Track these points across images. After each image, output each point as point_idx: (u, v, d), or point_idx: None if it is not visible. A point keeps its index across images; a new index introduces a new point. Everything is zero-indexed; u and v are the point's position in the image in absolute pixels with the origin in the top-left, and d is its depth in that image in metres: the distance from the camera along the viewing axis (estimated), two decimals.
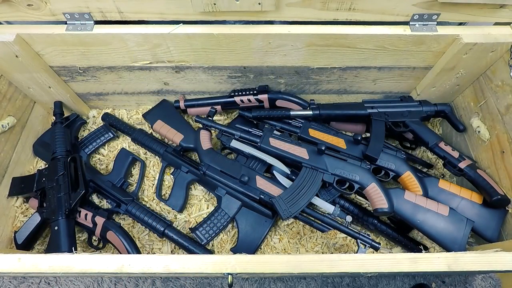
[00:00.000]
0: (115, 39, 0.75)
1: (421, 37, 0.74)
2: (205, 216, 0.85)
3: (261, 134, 0.85)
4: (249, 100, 0.91)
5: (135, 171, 0.94)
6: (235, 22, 0.77)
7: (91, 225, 0.80)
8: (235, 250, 0.80)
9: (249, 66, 0.83)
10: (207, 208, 0.90)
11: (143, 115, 0.98)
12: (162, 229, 0.81)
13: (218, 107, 0.93)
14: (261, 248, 0.84)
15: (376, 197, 0.77)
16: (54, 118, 0.93)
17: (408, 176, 0.83)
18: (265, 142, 0.84)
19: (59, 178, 0.81)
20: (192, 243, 0.80)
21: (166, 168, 0.92)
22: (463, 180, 0.89)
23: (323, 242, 0.85)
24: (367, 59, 0.81)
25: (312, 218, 0.78)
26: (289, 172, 0.84)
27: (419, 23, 0.74)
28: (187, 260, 0.55)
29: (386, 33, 0.73)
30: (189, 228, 0.84)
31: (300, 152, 0.82)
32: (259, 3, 0.68)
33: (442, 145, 0.86)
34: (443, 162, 0.86)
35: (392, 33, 0.73)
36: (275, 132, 0.88)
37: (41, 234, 0.83)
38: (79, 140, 0.96)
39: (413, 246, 0.82)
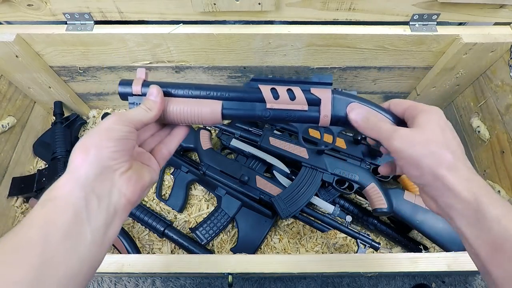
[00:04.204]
0: (115, 39, 0.75)
1: (421, 37, 0.74)
2: (205, 216, 0.85)
3: (261, 133, 0.86)
4: None
5: None
6: (235, 22, 0.77)
7: None
8: (235, 250, 0.80)
9: (249, 66, 0.83)
10: (207, 208, 0.90)
11: None
12: (162, 229, 0.81)
13: None
14: (261, 248, 0.84)
15: (375, 197, 0.77)
16: (54, 118, 0.93)
17: (405, 179, 0.83)
18: (265, 141, 0.84)
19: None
20: (192, 243, 0.80)
21: (166, 168, 0.92)
22: None
23: (323, 242, 0.85)
24: (367, 59, 0.81)
25: (312, 218, 0.78)
26: (289, 172, 0.84)
27: (419, 23, 0.74)
28: (187, 260, 0.55)
29: (386, 33, 0.73)
30: (189, 228, 0.84)
31: (300, 151, 0.83)
32: (259, 3, 0.68)
33: None
34: None
35: (392, 33, 0.73)
36: (275, 131, 0.88)
37: None
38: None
39: (413, 246, 0.82)
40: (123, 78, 0.40)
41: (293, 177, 0.82)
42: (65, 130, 0.90)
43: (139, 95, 0.40)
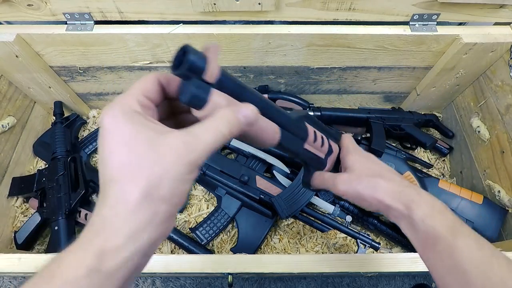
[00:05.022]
0: (115, 39, 0.75)
1: (421, 37, 0.74)
2: (205, 216, 0.85)
3: None
4: None
5: None
6: (235, 22, 0.77)
7: None
8: (235, 250, 0.80)
9: (249, 66, 0.83)
10: (207, 208, 0.90)
11: None
12: None
13: None
14: (261, 248, 0.84)
15: None
16: (54, 118, 0.93)
17: (408, 176, 0.83)
18: None
19: (59, 178, 0.81)
20: (192, 243, 0.80)
21: None
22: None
23: (323, 242, 0.85)
24: (367, 59, 0.81)
25: (312, 218, 0.78)
26: (289, 172, 0.84)
27: (419, 23, 0.74)
28: (187, 260, 0.55)
29: (386, 33, 0.73)
30: (189, 228, 0.84)
31: None
32: (259, 3, 0.68)
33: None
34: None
35: (392, 33, 0.73)
36: None
37: (41, 234, 0.83)
38: (79, 140, 0.96)
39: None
40: (190, 46, 0.26)
41: (293, 177, 0.82)
42: (65, 130, 0.90)
43: (206, 82, 0.26)
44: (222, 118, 0.26)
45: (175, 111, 0.31)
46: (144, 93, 0.27)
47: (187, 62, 0.25)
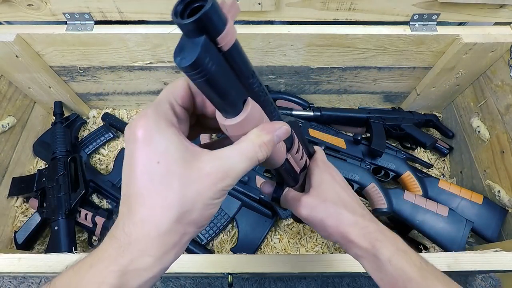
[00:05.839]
0: (115, 39, 0.75)
1: (421, 37, 0.74)
2: None
3: None
4: None
5: None
6: (235, 22, 0.77)
7: (91, 225, 0.80)
8: (235, 250, 0.80)
9: None
10: None
11: None
12: None
13: None
14: (261, 248, 0.84)
15: (376, 197, 0.78)
16: (54, 118, 0.93)
17: (408, 176, 0.83)
18: None
19: (59, 178, 0.81)
20: (192, 243, 0.80)
21: None
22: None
23: (323, 242, 0.85)
24: (367, 59, 0.81)
25: None
26: None
27: (419, 23, 0.74)
28: (187, 260, 0.55)
29: (386, 33, 0.73)
30: None
31: None
32: (259, 3, 0.68)
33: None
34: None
35: (392, 33, 0.73)
36: None
37: (41, 234, 0.83)
38: (79, 140, 0.96)
39: (413, 246, 0.82)
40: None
41: None
42: (65, 130, 0.90)
43: (217, 46, 0.21)
44: (260, 144, 0.25)
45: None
46: (180, 101, 0.25)
47: (206, 10, 0.19)
